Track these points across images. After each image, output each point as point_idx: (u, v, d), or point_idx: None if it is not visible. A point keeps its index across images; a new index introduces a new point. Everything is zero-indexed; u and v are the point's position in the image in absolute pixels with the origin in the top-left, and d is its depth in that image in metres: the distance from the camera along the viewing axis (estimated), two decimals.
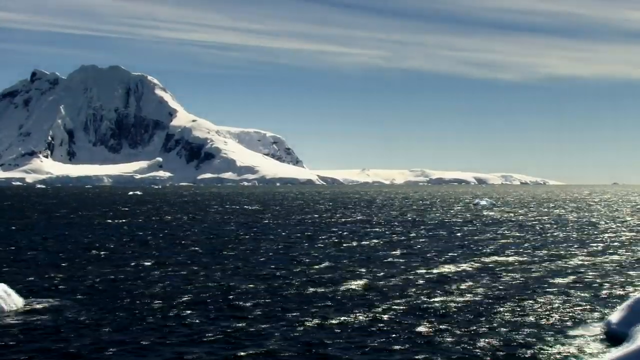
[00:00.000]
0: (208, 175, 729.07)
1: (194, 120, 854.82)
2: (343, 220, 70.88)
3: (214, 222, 67.80)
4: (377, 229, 57.44)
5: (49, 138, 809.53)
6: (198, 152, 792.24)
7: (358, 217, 75.13)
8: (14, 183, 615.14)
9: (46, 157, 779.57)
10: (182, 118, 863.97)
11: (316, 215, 79.93)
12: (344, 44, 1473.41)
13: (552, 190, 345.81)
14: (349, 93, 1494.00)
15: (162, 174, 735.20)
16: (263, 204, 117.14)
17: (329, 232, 54.28)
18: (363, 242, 45.25)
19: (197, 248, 41.31)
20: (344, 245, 43.57)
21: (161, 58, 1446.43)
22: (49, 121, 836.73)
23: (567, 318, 20.96)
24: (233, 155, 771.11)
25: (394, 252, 39.12)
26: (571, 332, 19.06)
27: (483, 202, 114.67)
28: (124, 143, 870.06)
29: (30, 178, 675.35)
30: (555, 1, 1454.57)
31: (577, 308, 22.49)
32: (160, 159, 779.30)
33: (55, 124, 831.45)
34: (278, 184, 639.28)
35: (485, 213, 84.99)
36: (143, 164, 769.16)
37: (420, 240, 47.05)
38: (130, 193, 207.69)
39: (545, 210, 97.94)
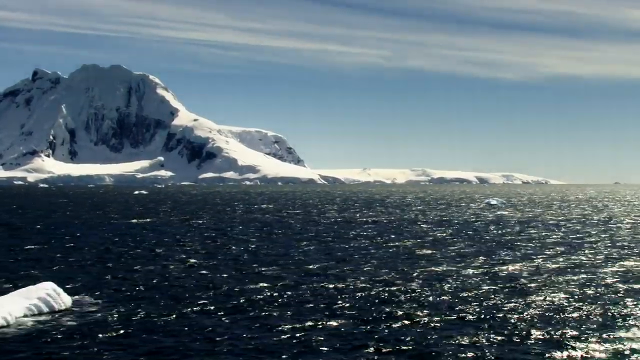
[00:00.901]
0: (209, 175, 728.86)
1: (195, 120, 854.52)
2: (371, 220, 70.61)
3: (256, 221, 67.55)
4: (411, 228, 57.20)
5: (51, 137, 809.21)
6: (199, 152, 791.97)
7: (384, 218, 74.53)
8: (15, 182, 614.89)
9: (48, 156, 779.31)
10: (184, 117, 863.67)
11: (357, 215, 79.62)
12: (345, 44, 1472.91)
13: (556, 189, 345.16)
14: (350, 92, 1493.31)
15: (164, 173, 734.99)
16: (302, 206, 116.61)
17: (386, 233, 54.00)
18: (407, 243, 45.04)
19: (241, 247, 41.06)
20: (389, 244, 43.37)
21: (163, 57, 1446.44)
22: (51, 120, 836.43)
23: None
24: (234, 154, 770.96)
25: (444, 251, 38.96)
26: None
27: (494, 202, 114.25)
28: (125, 142, 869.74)
29: (31, 177, 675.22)
30: (556, 1, 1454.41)
31: None
32: (161, 159, 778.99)
33: (57, 123, 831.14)
34: (280, 183, 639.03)
35: (500, 213, 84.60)
36: (144, 163, 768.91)
37: (464, 240, 46.63)
38: (136, 192, 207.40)
39: (560, 209, 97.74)
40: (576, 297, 24.30)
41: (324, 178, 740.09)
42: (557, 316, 20.98)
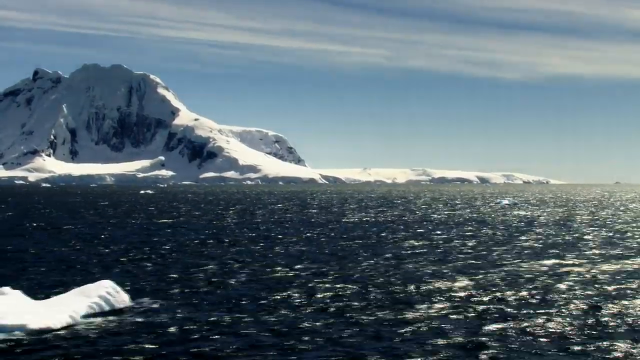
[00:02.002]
0: (210, 174, 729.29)
1: (196, 119, 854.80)
2: (398, 219, 70.43)
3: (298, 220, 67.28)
4: (435, 229, 56.98)
5: (52, 137, 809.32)
6: (200, 151, 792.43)
7: (402, 217, 74.32)
8: (16, 182, 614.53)
9: (49, 155, 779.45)
10: (185, 117, 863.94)
11: (373, 212, 79.34)
12: (345, 43, 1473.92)
13: (560, 189, 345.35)
14: (350, 92, 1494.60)
15: (165, 172, 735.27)
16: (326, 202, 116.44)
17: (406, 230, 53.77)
18: (433, 242, 44.70)
19: (287, 246, 40.60)
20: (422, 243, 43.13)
21: (163, 57, 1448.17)
22: (51, 120, 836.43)
23: None
24: (235, 154, 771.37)
25: (475, 250, 38.68)
26: None
27: (505, 202, 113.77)
28: (126, 142, 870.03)
29: (32, 177, 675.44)
30: (556, 0, 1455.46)
31: None
32: (162, 158, 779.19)
33: (58, 123, 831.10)
34: (281, 183, 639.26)
35: (517, 212, 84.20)
36: (145, 162, 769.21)
37: (497, 240, 46.25)
38: (142, 192, 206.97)
39: (574, 209, 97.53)
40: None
41: (325, 178, 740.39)
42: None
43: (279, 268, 30.75)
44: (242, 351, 16.58)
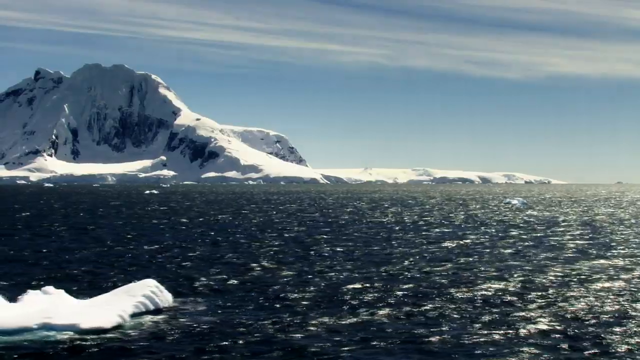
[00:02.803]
0: (212, 174, 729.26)
1: (197, 119, 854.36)
2: (417, 221, 70.20)
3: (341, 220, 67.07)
4: (460, 230, 56.84)
5: (53, 137, 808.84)
6: (202, 151, 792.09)
7: (420, 219, 74.01)
8: (18, 182, 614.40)
9: (50, 155, 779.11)
10: (186, 117, 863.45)
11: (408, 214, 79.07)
12: (346, 43, 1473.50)
13: (564, 189, 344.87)
14: (351, 92, 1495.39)
15: (166, 172, 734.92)
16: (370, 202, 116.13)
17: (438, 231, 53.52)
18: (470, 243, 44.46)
19: (323, 246, 40.43)
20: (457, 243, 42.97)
21: (165, 57, 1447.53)
22: (53, 120, 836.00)
23: None
24: (237, 154, 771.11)
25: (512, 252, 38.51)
26: None
27: (515, 202, 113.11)
28: (127, 142, 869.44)
29: (34, 177, 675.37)
30: (558, 0, 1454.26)
31: None
32: (164, 158, 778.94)
33: (59, 123, 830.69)
34: (282, 183, 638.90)
35: (530, 213, 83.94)
36: (147, 162, 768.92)
37: (528, 241, 45.97)
38: (147, 192, 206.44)
39: (589, 209, 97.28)
40: None
41: (326, 177, 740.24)
42: None
43: (319, 268, 30.56)
44: (289, 354, 16.40)
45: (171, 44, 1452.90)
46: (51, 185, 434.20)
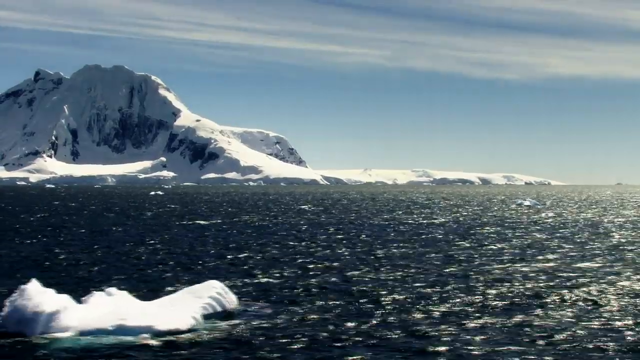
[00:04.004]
0: (212, 175, 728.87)
1: (197, 120, 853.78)
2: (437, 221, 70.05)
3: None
4: (480, 230, 56.73)
5: (53, 138, 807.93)
6: (202, 152, 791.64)
7: (439, 219, 73.40)
8: (18, 183, 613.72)
9: (50, 156, 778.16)
10: (186, 118, 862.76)
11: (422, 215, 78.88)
12: (346, 44, 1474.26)
13: (566, 190, 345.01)
14: (351, 93, 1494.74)
15: (166, 173, 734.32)
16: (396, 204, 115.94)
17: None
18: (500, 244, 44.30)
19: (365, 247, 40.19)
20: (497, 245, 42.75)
21: (165, 58, 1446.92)
22: (53, 121, 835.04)
23: None
24: (237, 155, 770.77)
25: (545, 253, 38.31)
26: None
27: (527, 203, 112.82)
28: (127, 143, 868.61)
29: (34, 178, 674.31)
30: (557, 1, 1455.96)
31: None
32: (164, 159, 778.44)
33: (59, 124, 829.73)
34: (283, 184, 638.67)
35: (546, 214, 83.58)
36: (147, 163, 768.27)
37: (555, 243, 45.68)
38: (152, 193, 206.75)
39: (603, 210, 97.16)
40: None
41: (326, 179, 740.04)
42: None
43: (366, 269, 30.35)
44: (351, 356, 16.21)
45: (171, 45, 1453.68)
46: (52, 186, 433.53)
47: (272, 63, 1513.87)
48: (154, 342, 17.12)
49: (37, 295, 18.33)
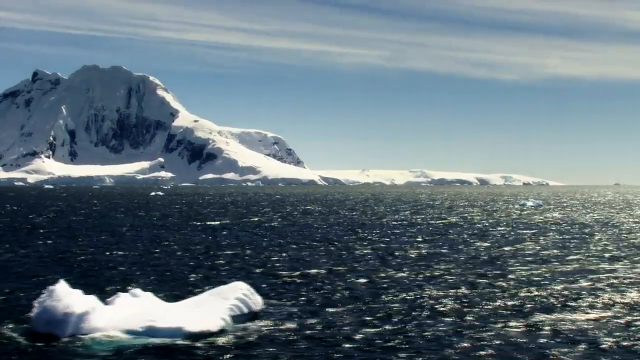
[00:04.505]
0: (210, 176, 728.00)
1: (195, 121, 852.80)
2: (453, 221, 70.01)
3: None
4: (496, 231, 56.64)
5: (51, 138, 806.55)
6: (200, 153, 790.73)
7: (452, 219, 73.06)
8: (15, 183, 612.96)
9: (48, 157, 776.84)
10: (184, 118, 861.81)
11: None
12: (344, 44, 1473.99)
13: (566, 191, 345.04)
14: (349, 93, 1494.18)
15: (164, 174, 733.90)
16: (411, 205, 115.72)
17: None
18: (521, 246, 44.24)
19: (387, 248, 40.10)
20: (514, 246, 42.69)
21: (163, 58, 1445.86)
22: (51, 121, 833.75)
23: None
24: (235, 155, 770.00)
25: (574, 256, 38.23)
26: None
27: (530, 203, 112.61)
28: (125, 143, 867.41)
29: (31, 178, 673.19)
30: (555, 1, 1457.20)
31: None
32: (162, 160, 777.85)
33: (57, 124, 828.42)
34: (281, 185, 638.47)
35: (552, 215, 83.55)
36: (145, 164, 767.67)
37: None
38: (153, 194, 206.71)
39: (615, 211, 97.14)
40: None
41: (324, 179, 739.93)
42: None
43: (388, 269, 30.27)
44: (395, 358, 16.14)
45: (169, 46, 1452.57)
46: (50, 187, 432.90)
47: (270, 63, 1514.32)
48: (185, 344, 17.04)
49: (66, 297, 18.26)
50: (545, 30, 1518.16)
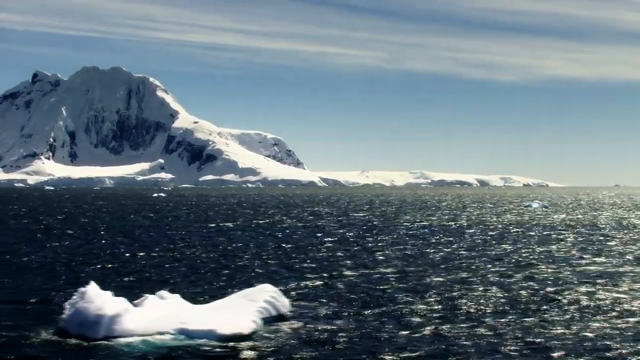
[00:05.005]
0: (210, 177, 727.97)
1: (195, 122, 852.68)
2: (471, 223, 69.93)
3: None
4: (514, 233, 56.66)
5: (51, 139, 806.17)
6: (200, 154, 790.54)
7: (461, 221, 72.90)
8: (15, 185, 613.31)
9: (48, 158, 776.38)
10: (184, 120, 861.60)
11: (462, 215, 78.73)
12: (343, 46, 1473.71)
13: (567, 192, 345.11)
14: (349, 94, 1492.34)
15: (164, 175, 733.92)
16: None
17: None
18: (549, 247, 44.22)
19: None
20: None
21: (163, 60, 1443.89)
22: (51, 123, 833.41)
23: None
24: (235, 157, 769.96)
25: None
26: None
27: (535, 205, 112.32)
28: (125, 145, 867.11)
29: (31, 180, 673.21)
30: (555, 2, 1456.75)
31: None
32: (162, 161, 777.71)
33: (57, 126, 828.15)
34: (281, 186, 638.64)
35: (557, 216, 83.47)
36: (145, 165, 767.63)
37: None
38: (155, 195, 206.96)
39: (619, 212, 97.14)
40: None
41: (324, 180, 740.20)
42: None
43: (415, 271, 30.16)
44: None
45: (169, 47, 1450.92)
46: (51, 188, 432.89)
47: (269, 65, 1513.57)
48: (217, 346, 16.99)
49: (98, 298, 18.21)
50: (545, 31, 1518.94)
